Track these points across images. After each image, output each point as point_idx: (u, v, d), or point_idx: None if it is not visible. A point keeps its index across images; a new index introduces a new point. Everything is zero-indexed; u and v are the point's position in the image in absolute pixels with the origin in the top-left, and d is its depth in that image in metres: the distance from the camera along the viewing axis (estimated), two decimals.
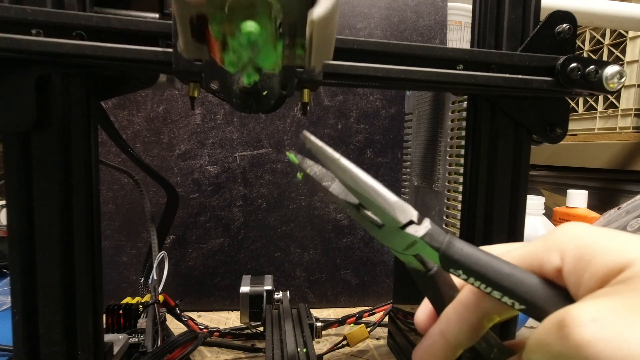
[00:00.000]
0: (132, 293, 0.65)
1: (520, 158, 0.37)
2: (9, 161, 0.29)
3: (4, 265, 0.78)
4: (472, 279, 0.18)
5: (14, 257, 0.30)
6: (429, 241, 0.18)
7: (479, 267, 0.17)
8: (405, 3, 0.76)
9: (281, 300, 0.59)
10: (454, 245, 0.18)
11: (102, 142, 0.65)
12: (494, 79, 0.34)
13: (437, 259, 0.18)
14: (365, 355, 0.58)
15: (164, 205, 0.58)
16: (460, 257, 0.18)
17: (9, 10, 0.26)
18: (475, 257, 0.18)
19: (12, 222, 0.30)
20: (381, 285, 0.77)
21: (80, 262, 0.31)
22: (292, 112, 0.74)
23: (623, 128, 0.93)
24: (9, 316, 0.30)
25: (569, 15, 0.35)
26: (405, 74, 0.32)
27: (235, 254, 0.74)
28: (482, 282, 0.17)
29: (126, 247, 0.71)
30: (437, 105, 0.46)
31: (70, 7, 0.29)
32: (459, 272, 0.18)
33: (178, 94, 0.71)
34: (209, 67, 0.28)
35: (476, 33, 0.37)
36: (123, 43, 0.28)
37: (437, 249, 0.18)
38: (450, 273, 0.18)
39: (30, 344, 0.31)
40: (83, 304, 0.32)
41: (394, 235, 0.19)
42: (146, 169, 0.51)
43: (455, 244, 0.18)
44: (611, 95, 0.68)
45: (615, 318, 0.13)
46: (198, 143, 0.72)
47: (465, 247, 0.18)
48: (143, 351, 0.44)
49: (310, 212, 0.75)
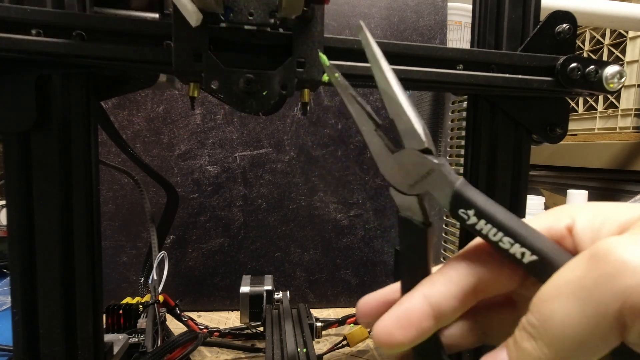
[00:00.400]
0: (132, 293, 0.65)
1: (520, 158, 0.37)
2: (9, 161, 0.29)
3: (4, 265, 0.78)
4: (482, 223, 0.16)
5: (14, 257, 0.30)
6: (447, 172, 0.17)
7: (493, 209, 0.16)
8: (405, 3, 0.76)
9: (281, 300, 0.59)
10: (468, 184, 0.17)
11: (102, 142, 0.65)
12: (494, 79, 0.34)
13: (447, 199, 0.17)
14: (365, 355, 0.58)
15: (164, 205, 0.57)
16: (475, 196, 0.17)
17: (9, 10, 0.26)
18: (490, 200, 0.17)
19: (12, 222, 0.30)
20: (381, 285, 0.76)
21: (80, 262, 0.31)
22: (292, 112, 0.74)
23: (623, 128, 0.93)
24: (9, 316, 0.30)
25: (569, 15, 0.35)
26: (405, 74, 0.32)
27: (235, 254, 0.74)
28: (494, 225, 0.16)
29: (126, 247, 0.71)
30: (437, 105, 0.46)
31: (70, 7, 0.29)
32: (469, 213, 0.16)
33: (178, 94, 0.71)
34: (209, 67, 0.28)
35: (476, 33, 0.37)
36: (123, 43, 0.28)
37: (452, 184, 0.17)
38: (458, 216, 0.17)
39: (30, 344, 0.31)
40: (83, 304, 0.32)
41: (409, 161, 0.17)
42: (146, 169, 0.51)
43: (468, 184, 0.17)
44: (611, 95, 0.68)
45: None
46: (198, 143, 0.72)
47: (475, 189, 0.17)
48: (143, 351, 0.44)
49: (310, 212, 0.75)
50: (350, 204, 0.76)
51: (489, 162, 0.37)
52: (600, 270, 0.13)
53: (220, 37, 0.29)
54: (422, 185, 0.17)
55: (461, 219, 0.17)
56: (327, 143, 0.75)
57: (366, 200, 0.76)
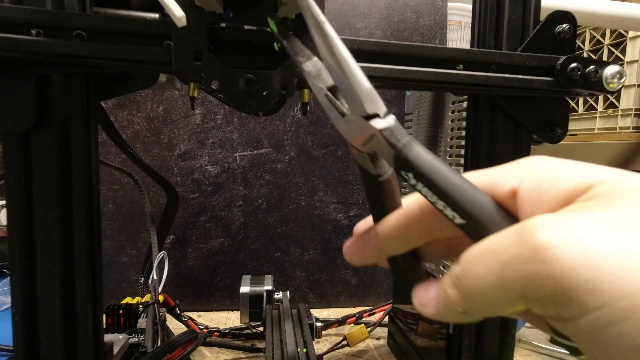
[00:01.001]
0: (132, 293, 0.65)
1: (520, 158, 0.37)
2: (9, 161, 0.29)
3: (4, 265, 0.78)
4: (420, 185, 0.17)
5: (14, 257, 0.30)
6: (387, 136, 0.17)
7: (430, 173, 0.16)
8: (405, 3, 0.76)
9: (281, 300, 0.59)
10: (412, 147, 0.17)
11: (102, 142, 0.65)
12: (494, 79, 0.34)
13: (391, 160, 0.18)
14: (365, 355, 0.58)
15: (164, 205, 0.58)
16: (414, 159, 0.17)
17: (9, 10, 0.26)
18: (429, 163, 0.17)
19: (12, 222, 0.30)
20: (381, 285, 0.77)
21: (80, 262, 0.31)
22: (292, 112, 0.74)
23: (623, 128, 0.93)
24: (9, 316, 0.30)
25: (569, 15, 0.35)
26: (405, 74, 0.32)
27: (235, 254, 0.74)
28: (430, 188, 0.16)
29: (126, 247, 0.71)
30: (437, 105, 0.46)
31: (70, 7, 0.29)
32: (409, 175, 0.17)
33: (178, 94, 0.71)
34: (209, 67, 0.28)
35: (476, 33, 0.37)
36: (123, 43, 0.28)
37: (393, 146, 0.17)
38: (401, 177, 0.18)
39: (30, 344, 0.31)
40: (83, 304, 0.32)
41: (355, 125, 0.18)
42: (146, 169, 0.51)
43: (413, 146, 0.17)
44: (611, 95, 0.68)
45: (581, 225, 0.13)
46: (198, 143, 0.72)
47: (423, 152, 0.17)
48: (143, 351, 0.44)
49: (310, 212, 0.75)
50: (350, 204, 0.76)
51: (489, 163, 0.37)
52: (518, 250, 0.13)
53: (220, 37, 0.29)
54: (370, 146, 0.18)
55: (404, 180, 0.17)
56: (327, 143, 0.75)
57: (366, 200, 0.76)
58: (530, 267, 0.13)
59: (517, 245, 0.13)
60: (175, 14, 0.25)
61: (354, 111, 0.18)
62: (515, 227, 0.14)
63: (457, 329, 0.39)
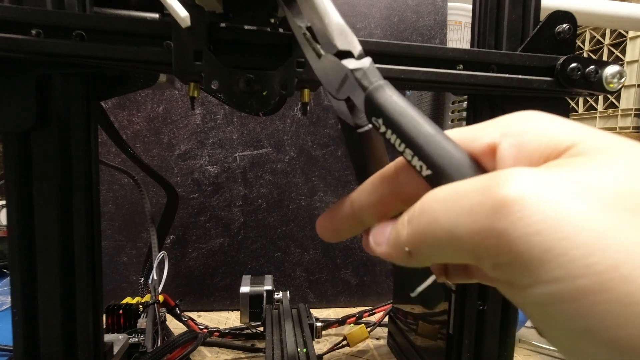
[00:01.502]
0: (132, 293, 0.65)
1: None
2: (9, 161, 0.29)
3: (4, 265, 0.78)
4: (389, 132, 0.15)
5: (14, 257, 0.30)
6: (359, 77, 0.16)
7: (400, 118, 0.15)
8: (405, 3, 0.76)
9: (281, 300, 0.59)
10: (384, 90, 0.16)
11: (102, 142, 0.65)
12: (494, 79, 0.34)
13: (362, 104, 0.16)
14: (365, 355, 0.58)
15: (164, 205, 0.57)
16: (384, 103, 0.15)
17: (9, 10, 0.26)
18: (401, 108, 0.15)
19: (12, 222, 0.30)
20: (381, 285, 0.77)
21: (80, 262, 0.31)
22: (292, 112, 0.74)
23: (623, 128, 0.93)
24: (9, 316, 0.30)
25: (569, 15, 0.35)
26: (405, 74, 0.32)
27: (235, 254, 0.74)
28: (398, 136, 0.15)
29: (126, 247, 0.71)
30: (437, 105, 0.46)
31: (70, 7, 0.29)
32: (379, 122, 0.16)
33: (178, 94, 0.71)
34: (209, 67, 0.28)
35: (476, 33, 0.37)
36: (123, 43, 0.28)
37: (364, 88, 0.16)
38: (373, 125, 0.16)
39: (30, 344, 0.31)
40: (83, 304, 0.32)
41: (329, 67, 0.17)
42: (146, 169, 0.51)
43: (386, 89, 0.16)
44: (611, 95, 0.68)
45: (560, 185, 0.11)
46: (198, 143, 0.72)
47: (396, 96, 0.16)
48: (143, 351, 0.44)
49: (310, 212, 0.75)
50: None
51: None
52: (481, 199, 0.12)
53: (220, 37, 0.29)
54: (345, 91, 0.17)
55: (375, 127, 0.16)
56: (327, 143, 0.75)
57: None
58: (488, 221, 0.12)
59: (482, 194, 0.12)
60: (179, 15, 0.25)
61: (327, 50, 0.17)
62: (486, 175, 0.13)
63: (457, 329, 0.39)
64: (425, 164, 0.15)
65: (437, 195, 0.14)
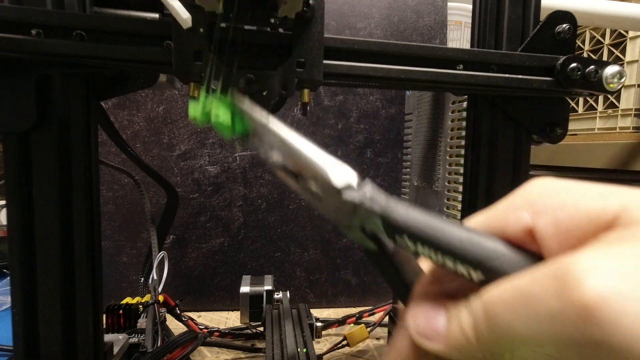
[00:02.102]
0: (132, 293, 0.65)
1: (520, 158, 0.37)
2: (9, 161, 0.29)
3: (4, 265, 0.78)
4: (419, 246, 0.15)
5: (14, 257, 0.30)
6: (369, 206, 0.16)
7: (425, 228, 0.15)
8: (405, 3, 0.76)
9: (281, 300, 0.59)
10: (395, 207, 0.15)
11: (102, 142, 0.65)
12: (494, 79, 0.34)
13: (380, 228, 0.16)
14: (365, 355, 0.58)
15: (164, 205, 0.57)
16: (402, 218, 0.15)
17: (9, 10, 0.26)
18: (420, 218, 0.15)
19: (12, 222, 0.30)
20: (381, 285, 0.77)
21: (80, 262, 0.31)
22: (292, 112, 0.74)
23: (623, 128, 0.93)
24: (9, 316, 0.30)
25: (569, 15, 0.35)
26: (405, 74, 0.32)
27: (235, 254, 0.74)
28: (431, 246, 0.14)
29: (126, 247, 0.71)
30: (437, 105, 0.46)
31: (70, 7, 0.29)
32: (404, 238, 0.15)
33: (178, 94, 0.71)
34: (209, 67, 0.28)
35: (476, 33, 0.37)
36: (123, 43, 0.28)
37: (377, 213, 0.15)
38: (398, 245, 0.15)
39: (30, 344, 0.31)
40: (83, 304, 0.32)
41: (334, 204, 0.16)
42: (146, 169, 0.51)
43: (397, 205, 0.15)
44: (611, 95, 0.68)
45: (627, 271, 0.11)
46: (198, 143, 0.72)
47: (410, 210, 0.15)
48: (143, 351, 0.44)
49: (310, 212, 0.75)
50: None
51: (489, 163, 0.37)
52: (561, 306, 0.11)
53: (220, 37, 0.29)
54: (356, 222, 0.16)
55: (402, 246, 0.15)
56: (327, 143, 0.75)
57: None
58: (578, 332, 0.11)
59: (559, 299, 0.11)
60: (181, 16, 0.25)
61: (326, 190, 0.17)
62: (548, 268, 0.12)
63: None
64: (472, 266, 0.14)
65: (505, 298, 0.12)
